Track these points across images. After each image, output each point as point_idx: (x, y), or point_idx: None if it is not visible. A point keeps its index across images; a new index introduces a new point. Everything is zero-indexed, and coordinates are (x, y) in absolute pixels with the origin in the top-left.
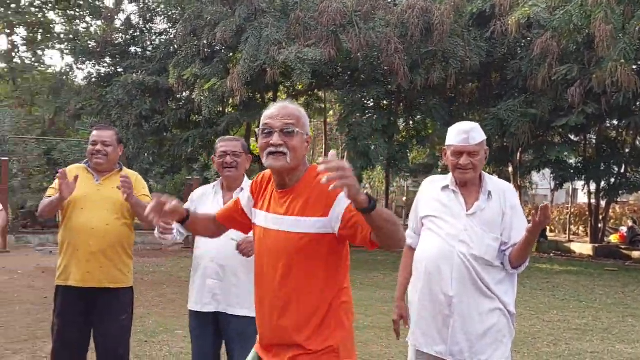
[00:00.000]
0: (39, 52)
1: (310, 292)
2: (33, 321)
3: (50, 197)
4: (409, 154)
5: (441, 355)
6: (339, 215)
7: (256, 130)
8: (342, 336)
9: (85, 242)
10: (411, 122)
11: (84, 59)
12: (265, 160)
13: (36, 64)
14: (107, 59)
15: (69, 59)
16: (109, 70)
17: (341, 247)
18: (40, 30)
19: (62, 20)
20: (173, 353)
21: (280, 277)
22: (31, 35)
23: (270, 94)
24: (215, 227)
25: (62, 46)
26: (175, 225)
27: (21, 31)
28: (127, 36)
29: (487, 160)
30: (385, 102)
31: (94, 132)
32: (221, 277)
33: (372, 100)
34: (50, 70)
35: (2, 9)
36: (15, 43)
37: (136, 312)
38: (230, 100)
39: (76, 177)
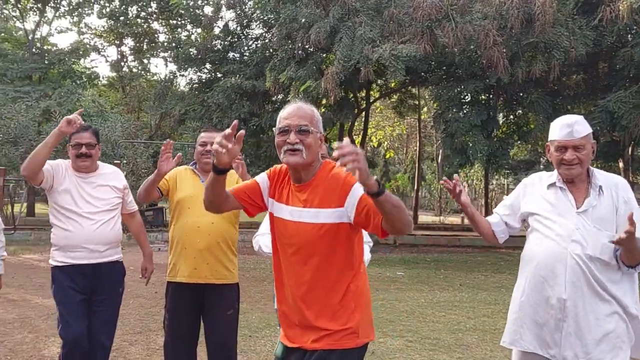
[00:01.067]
0: (145, 61)
1: (329, 277)
2: (146, 314)
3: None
4: (509, 150)
5: (554, 358)
6: (354, 204)
7: (274, 129)
8: (360, 318)
9: (193, 240)
10: (512, 117)
11: (186, 66)
12: (282, 156)
13: (142, 72)
14: (207, 65)
15: (172, 66)
16: (209, 75)
17: (355, 234)
18: (146, 40)
19: (165, 30)
20: None
21: (301, 265)
22: (138, 45)
23: (363, 93)
24: (224, 201)
25: (166, 54)
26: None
27: (129, 41)
28: (226, 42)
29: (594, 154)
30: (483, 96)
31: (203, 134)
32: None
33: (469, 95)
34: (155, 78)
35: (113, 22)
36: (124, 53)
37: (240, 308)
38: (324, 101)
39: (179, 156)
